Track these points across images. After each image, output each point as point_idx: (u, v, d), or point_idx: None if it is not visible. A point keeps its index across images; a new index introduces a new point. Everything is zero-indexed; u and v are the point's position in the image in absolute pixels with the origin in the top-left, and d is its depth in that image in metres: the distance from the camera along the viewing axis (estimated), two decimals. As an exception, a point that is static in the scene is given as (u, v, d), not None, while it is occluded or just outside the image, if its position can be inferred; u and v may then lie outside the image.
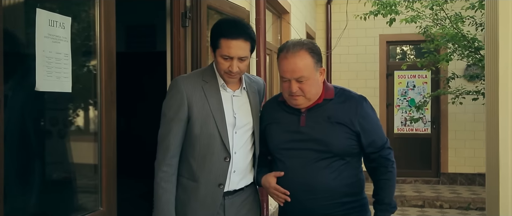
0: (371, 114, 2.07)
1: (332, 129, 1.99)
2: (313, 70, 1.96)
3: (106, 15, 2.16)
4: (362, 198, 2.10)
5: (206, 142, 2.01)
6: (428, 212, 6.55)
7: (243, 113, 2.09)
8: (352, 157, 2.05)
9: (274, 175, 2.08)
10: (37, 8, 1.74)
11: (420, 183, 7.73)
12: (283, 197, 2.04)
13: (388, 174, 2.06)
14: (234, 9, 3.42)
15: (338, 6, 7.90)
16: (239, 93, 2.12)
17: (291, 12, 5.94)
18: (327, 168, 1.99)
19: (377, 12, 5.86)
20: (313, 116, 2.02)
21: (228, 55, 1.95)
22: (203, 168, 2.02)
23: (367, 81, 7.92)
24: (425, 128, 7.78)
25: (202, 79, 2.05)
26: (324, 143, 1.98)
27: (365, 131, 2.01)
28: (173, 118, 2.00)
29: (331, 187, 1.99)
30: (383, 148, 2.07)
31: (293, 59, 1.94)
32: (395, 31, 7.23)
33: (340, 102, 2.03)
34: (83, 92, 2.13)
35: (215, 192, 2.02)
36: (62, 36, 1.86)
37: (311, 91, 1.98)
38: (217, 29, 2.02)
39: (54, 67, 1.83)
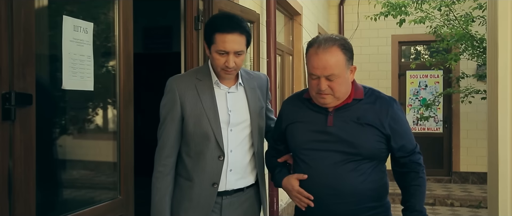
0: (401, 117, 1.96)
1: (361, 131, 1.88)
2: (344, 68, 1.84)
3: (124, 19, 2.36)
4: (386, 202, 2.00)
5: (200, 140, 1.97)
6: (439, 210, 6.63)
7: (239, 110, 2.03)
8: (379, 160, 1.94)
9: (297, 178, 1.96)
10: (63, 15, 1.95)
11: (431, 181, 7.80)
12: (306, 201, 1.93)
13: (419, 179, 1.96)
14: (245, 12, 3.60)
15: (351, 7, 8.02)
16: (235, 89, 2.06)
17: (302, 13, 6.10)
18: (355, 171, 1.88)
19: (387, 13, 5.98)
20: (342, 116, 1.91)
21: (223, 49, 1.90)
22: (197, 167, 1.98)
23: (379, 81, 8.02)
24: (437, 127, 7.85)
25: (196, 77, 2.02)
26: (353, 145, 1.87)
27: (395, 134, 1.91)
28: (166, 118, 1.99)
29: (359, 190, 1.88)
30: (414, 153, 1.98)
31: (324, 56, 1.82)
32: (407, 31, 7.32)
33: (370, 103, 1.92)
34: (103, 91, 2.34)
35: (209, 191, 1.97)
36: (85, 40, 2.06)
37: (341, 90, 1.86)
38: (211, 25, 1.96)
39: (78, 67, 2.03)
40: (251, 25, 3.86)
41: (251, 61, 3.94)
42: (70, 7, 2.09)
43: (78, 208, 2.09)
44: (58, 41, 1.94)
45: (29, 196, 1.74)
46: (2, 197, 1.64)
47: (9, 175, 1.67)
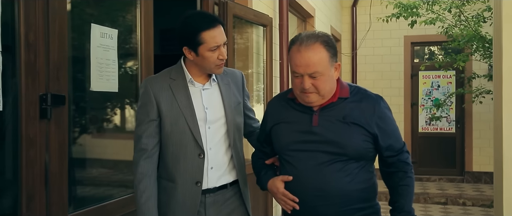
0: (389, 115, 1.89)
1: (347, 130, 1.82)
2: (328, 65, 1.78)
3: (145, 24, 2.55)
4: (375, 204, 1.94)
5: (178, 140, 1.94)
6: (451, 209, 6.70)
7: (215, 107, 2.00)
8: (367, 160, 1.88)
9: (282, 180, 1.90)
10: (91, 23, 2.14)
11: (444, 181, 7.86)
12: (291, 204, 1.87)
13: (407, 179, 1.88)
14: (258, 16, 3.76)
15: (363, 9, 8.12)
16: (209, 86, 2.02)
17: (315, 16, 6.24)
18: (341, 172, 1.82)
19: (398, 14, 6.08)
20: (327, 115, 1.85)
21: (216, 44, 1.88)
22: (178, 167, 1.95)
23: (391, 81, 8.11)
24: (450, 127, 7.91)
25: (170, 77, 1.98)
26: (339, 144, 1.81)
27: (383, 133, 1.85)
28: (144, 120, 1.94)
29: (345, 191, 1.82)
30: (402, 152, 1.90)
31: (306, 53, 1.76)
32: (420, 32, 7.40)
33: (356, 101, 1.86)
34: (126, 92, 2.53)
35: (193, 191, 1.95)
36: (110, 45, 2.25)
37: (326, 88, 1.81)
38: (193, 26, 1.90)
39: (105, 70, 2.22)
40: (264, 29, 4.03)
41: (264, 63, 4.10)
42: (97, 15, 2.28)
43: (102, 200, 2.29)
44: (87, 47, 2.13)
45: (62, 186, 1.94)
46: (40, 186, 1.83)
47: (46, 167, 1.86)
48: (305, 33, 1.84)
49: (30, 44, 1.79)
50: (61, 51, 1.91)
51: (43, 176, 1.85)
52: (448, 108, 7.84)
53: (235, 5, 3.48)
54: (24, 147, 1.78)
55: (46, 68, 1.85)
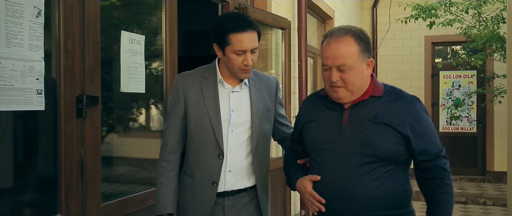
0: (424, 117, 1.79)
1: (378, 130, 1.74)
2: (357, 59, 1.73)
3: (170, 29, 2.75)
4: (408, 212, 1.83)
5: (201, 138, 1.95)
6: (471, 209, 6.72)
7: (242, 111, 1.99)
8: (399, 165, 1.78)
9: (310, 179, 1.84)
10: (121, 30, 2.35)
11: (465, 181, 7.87)
12: (317, 205, 1.81)
13: (445, 187, 1.76)
14: (276, 20, 3.93)
15: (384, 9, 8.18)
16: (239, 89, 2.01)
17: (334, 17, 6.36)
18: (369, 175, 1.74)
19: (417, 16, 6.15)
20: (358, 114, 1.78)
21: (241, 49, 1.87)
22: (198, 164, 1.97)
23: (412, 81, 8.15)
24: (471, 127, 7.91)
25: (202, 75, 2.00)
26: (368, 145, 1.74)
27: (416, 135, 1.75)
28: (170, 114, 1.98)
29: (372, 196, 1.74)
30: (438, 157, 1.78)
31: (336, 45, 1.72)
32: (440, 32, 7.43)
33: (389, 101, 1.78)
34: (152, 93, 2.73)
35: (209, 190, 1.95)
36: (138, 50, 2.45)
37: (354, 83, 1.74)
38: (224, 26, 1.91)
39: (133, 73, 2.43)
40: (282, 32, 4.19)
41: (283, 64, 4.26)
42: (126, 20, 2.50)
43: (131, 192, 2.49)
44: (117, 52, 2.34)
45: (96, 178, 2.15)
46: (76, 178, 2.05)
47: (81, 160, 2.07)
48: (338, 27, 1.81)
49: (68, 51, 2.00)
50: (95, 56, 2.12)
51: (79, 168, 2.06)
52: (469, 107, 7.85)
53: (255, 9, 3.65)
54: (62, 142, 1.99)
55: (82, 72, 2.06)
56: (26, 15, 1.79)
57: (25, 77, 1.79)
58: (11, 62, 1.74)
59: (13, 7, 1.74)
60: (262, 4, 3.97)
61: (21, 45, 1.78)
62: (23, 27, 1.78)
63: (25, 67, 1.79)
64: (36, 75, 1.84)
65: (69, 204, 2.01)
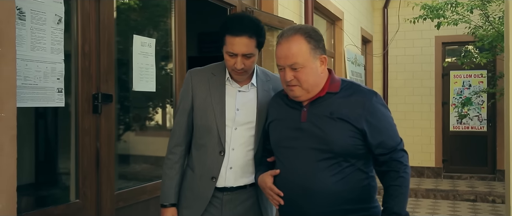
0: (381, 110, 1.81)
1: (333, 126, 1.77)
2: (309, 56, 1.76)
3: (179, 32, 2.97)
4: (371, 207, 1.85)
5: (204, 134, 1.99)
6: (479, 206, 6.80)
7: (247, 110, 2.02)
8: (359, 159, 1.80)
9: (270, 174, 1.89)
10: (134, 34, 2.57)
11: (475, 179, 7.94)
12: (276, 198, 1.85)
13: (399, 179, 1.78)
14: (282, 22, 4.12)
15: (395, 10, 8.29)
16: (246, 89, 2.04)
17: (344, 18, 6.52)
18: (328, 170, 1.76)
19: (425, 16, 6.26)
20: (315, 110, 1.82)
21: (232, 51, 1.90)
22: (199, 159, 2.02)
23: (422, 81, 8.25)
24: (481, 126, 7.98)
25: (211, 72, 2.05)
26: (324, 141, 1.76)
27: (372, 129, 1.77)
28: (179, 108, 2.05)
29: (331, 191, 1.76)
30: (395, 150, 1.80)
31: (286, 44, 1.77)
32: (451, 32, 7.52)
33: (345, 96, 1.81)
34: (163, 91, 2.95)
35: (207, 184, 1.99)
36: (149, 52, 2.67)
37: (308, 81, 1.78)
38: (223, 26, 1.95)
39: (144, 74, 2.65)
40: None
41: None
42: (140, 25, 2.72)
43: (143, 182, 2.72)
44: (130, 54, 2.56)
45: (110, 168, 2.37)
46: (91, 170, 2.27)
47: (97, 153, 2.30)
48: (289, 27, 1.84)
49: (85, 53, 2.23)
50: (109, 58, 2.35)
51: (95, 159, 2.29)
52: (479, 107, 7.92)
53: (261, 13, 3.85)
54: (80, 136, 2.22)
55: (97, 72, 2.29)
56: (48, 22, 2.02)
57: (48, 77, 2.02)
58: (36, 64, 1.97)
59: (37, 15, 1.98)
60: (269, 7, 4.16)
61: (44, 49, 2.01)
62: (46, 33, 2.01)
63: (48, 68, 2.02)
64: (57, 75, 2.07)
65: (86, 191, 2.24)
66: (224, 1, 3.56)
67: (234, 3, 3.66)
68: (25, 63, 1.91)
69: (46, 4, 2.01)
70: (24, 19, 1.92)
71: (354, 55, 6.97)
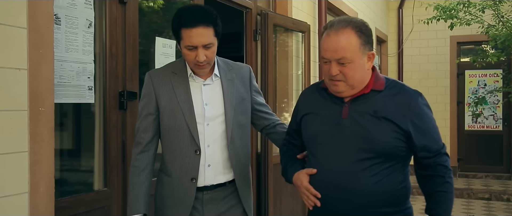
0: (426, 112, 1.73)
1: (377, 125, 1.68)
2: (358, 52, 1.67)
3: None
4: (406, 209, 1.78)
5: (175, 135, 1.90)
6: (494, 205, 6.85)
7: (215, 104, 1.94)
8: (398, 161, 1.73)
9: (307, 173, 1.79)
10: (156, 36, 2.78)
11: (490, 178, 7.97)
12: (313, 199, 1.76)
13: (446, 185, 1.71)
14: (296, 24, 4.29)
15: (410, 10, 8.37)
16: (210, 81, 1.96)
17: (358, 19, 6.64)
18: (368, 170, 1.68)
19: (438, 17, 6.35)
20: (358, 107, 1.73)
21: (191, 44, 1.81)
22: (175, 162, 1.92)
23: (437, 80, 8.32)
24: (497, 125, 8.01)
25: (172, 71, 1.95)
26: (367, 140, 1.68)
27: (418, 131, 1.69)
28: (142, 112, 1.94)
29: (370, 192, 1.68)
30: (439, 154, 1.72)
31: (335, 37, 1.67)
32: (466, 32, 7.58)
33: (390, 95, 1.73)
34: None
35: (188, 187, 1.91)
36: (170, 53, 2.87)
37: (354, 77, 1.69)
38: (176, 20, 1.85)
39: (166, 73, 2.84)
40: (302, 34, 4.55)
41: (303, 65, 4.62)
42: (162, 27, 2.93)
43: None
44: (152, 54, 2.77)
45: (135, 160, 2.58)
46: (118, 161, 2.48)
47: (123, 146, 2.51)
48: (339, 18, 1.74)
49: (113, 54, 2.44)
50: (134, 59, 2.55)
51: (121, 151, 2.49)
52: (495, 106, 7.95)
53: (276, 15, 4.03)
54: (108, 130, 2.43)
55: (123, 71, 2.50)
56: (80, 26, 2.24)
57: (79, 76, 2.24)
58: (69, 64, 2.18)
59: (71, 20, 2.19)
60: (283, 9, 4.34)
61: (77, 50, 2.22)
62: (78, 36, 2.23)
63: (79, 68, 2.24)
64: (87, 74, 2.28)
65: (114, 180, 2.45)
66: (240, 4, 3.74)
67: (249, 6, 3.85)
68: (60, 64, 2.12)
69: (79, 10, 2.23)
70: (60, 24, 2.13)
71: (369, 55, 7.09)
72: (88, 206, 2.28)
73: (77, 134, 2.46)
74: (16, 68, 1.78)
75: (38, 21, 1.86)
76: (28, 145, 1.82)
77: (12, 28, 1.76)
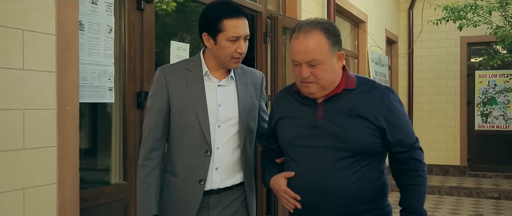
0: (398, 108, 1.76)
1: (352, 123, 1.70)
2: (327, 53, 1.68)
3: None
4: (385, 205, 1.80)
5: (186, 134, 1.85)
6: (503, 204, 6.91)
7: (229, 106, 1.90)
8: (375, 158, 1.75)
9: (285, 176, 1.78)
10: (171, 40, 2.96)
11: (500, 178, 8.02)
12: (293, 202, 1.75)
13: (419, 178, 1.74)
14: (305, 27, 4.44)
15: (420, 11, 8.46)
16: (226, 83, 1.92)
17: (367, 21, 6.77)
18: (347, 169, 1.70)
19: (447, 17, 6.44)
20: (332, 108, 1.74)
21: (236, 35, 1.79)
22: (183, 162, 1.86)
23: (447, 80, 8.39)
24: (507, 125, 8.05)
25: (186, 68, 1.89)
26: (344, 139, 1.69)
27: (391, 126, 1.72)
28: (152, 108, 1.87)
29: (351, 191, 1.70)
30: (413, 148, 1.76)
31: (304, 39, 1.67)
32: (476, 33, 7.63)
33: (363, 93, 1.75)
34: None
35: (195, 188, 1.85)
36: (184, 56, 3.05)
37: (326, 78, 1.70)
38: (217, 12, 1.82)
39: (180, 74, 3.02)
40: (311, 36, 4.69)
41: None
42: (177, 30, 3.11)
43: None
44: (167, 57, 2.95)
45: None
46: (135, 156, 2.65)
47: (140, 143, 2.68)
48: (306, 20, 1.75)
49: (131, 57, 2.63)
50: (150, 61, 2.74)
51: (138, 147, 2.66)
52: (505, 106, 8.00)
53: (285, 18, 4.19)
54: (126, 127, 2.62)
55: (141, 73, 2.68)
56: (101, 31, 2.43)
57: (101, 78, 2.43)
58: (92, 67, 2.37)
59: (93, 26, 2.38)
60: (292, 12, 4.49)
61: (98, 54, 2.41)
62: (100, 41, 2.42)
63: (101, 70, 2.43)
64: (108, 76, 2.47)
65: (132, 174, 2.63)
66: (251, 8, 3.91)
67: (259, 9, 4.01)
68: (84, 66, 2.32)
69: (100, 17, 2.42)
70: (83, 29, 2.32)
71: (378, 56, 7.21)
72: (109, 197, 2.46)
73: (98, 132, 2.66)
74: (46, 70, 1.97)
75: (65, 28, 2.05)
76: (56, 140, 2.01)
77: (42, 35, 1.95)
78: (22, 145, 1.88)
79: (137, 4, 2.62)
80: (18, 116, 1.88)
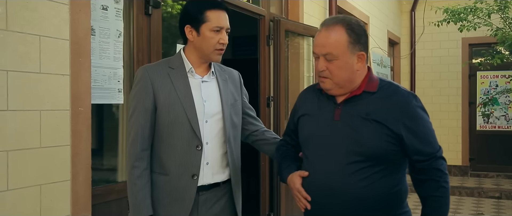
0: (420, 115, 1.69)
1: (368, 128, 1.66)
2: (345, 49, 1.66)
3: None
4: (402, 213, 1.74)
5: (175, 131, 1.85)
6: (504, 203, 6.99)
7: (213, 101, 1.94)
8: (390, 164, 1.69)
9: (299, 175, 1.79)
10: (177, 43, 3.08)
11: (502, 178, 8.10)
12: (304, 201, 1.76)
13: (440, 189, 1.66)
14: (307, 29, 4.55)
15: (422, 13, 8.55)
16: (208, 78, 1.96)
17: (369, 22, 6.87)
18: (357, 174, 1.66)
19: (448, 19, 6.53)
20: (350, 110, 1.72)
21: (219, 25, 1.85)
22: (174, 159, 1.86)
23: (449, 81, 8.48)
24: (508, 126, 8.13)
25: (169, 66, 1.91)
26: (357, 142, 1.66)
27: (411, 133, 1.65)
28: (137, 108, 1.86)
29: (359, 196, 1.65)
30: (435, 157, 1.67)
31: (325, 33, 1.69)
32: (478, 34, 7.68)
33: (383, 97, 1.70)
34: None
35: (189, 184, 1.85)
36: (190, 58, 3.17)
37: (340, 75, 1.68)
38: (200, 4, 1.88)
39: (186, 76, 3.14)
40: (313, 39, 4.79)
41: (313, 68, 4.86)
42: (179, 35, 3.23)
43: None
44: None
45: (159, 154, 2.88)
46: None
47: (148, 141, 2.81)
48: (334, 16, 1.79)
49: (139, 60, 2.75)
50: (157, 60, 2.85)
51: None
52: (506, 106, 8.08)
53: (287, 21, 4.30)
54: (135, 127, 2.73)
55: (149, 76, 2.80)
56: (111, 36, 2.55)
57: (111, 80, 2.55)
58: (102, 70, 2.49)
59: (104, 31, 2.50)
60: (295, 15, 4.60)
61: (109, 57, 2.53)
62: (110, 45, 2.54)
63: (111, 72, 2.55)
64: (117, 78, 2.59)
65: (140, 172, 2.75)
66: (254, 12, 4.02)
67: (262, 13, 4.13)
68: (95, 69, 2.43)
69: (110, 22, 2.54)
70: (94, 34, 2.44)
71: (380, 57, 7.30)
72: (119, 194, 2.58)
73: (110, 131, 2.78)
74: (60, 74, 2.09)
75: (78, 33, 2.17)
76: (70, 139, 2.13)
77: (57, 40, 2.08)
78: (39, 144, 2.00)
79: (145, 10, 2.74)
80: (35, 116, 1.99)
